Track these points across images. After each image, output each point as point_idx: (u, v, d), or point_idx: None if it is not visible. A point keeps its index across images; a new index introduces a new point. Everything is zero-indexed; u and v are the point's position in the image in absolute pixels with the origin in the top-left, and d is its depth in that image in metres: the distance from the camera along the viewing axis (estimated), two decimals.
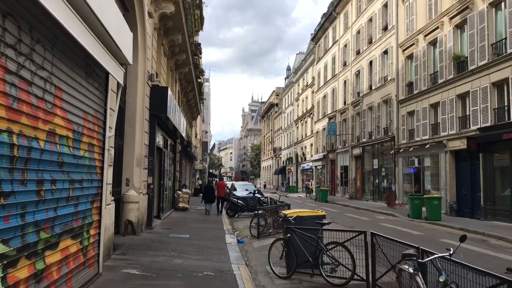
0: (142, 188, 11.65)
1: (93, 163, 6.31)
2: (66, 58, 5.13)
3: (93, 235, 6.39)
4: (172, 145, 19.25)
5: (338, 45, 38.59)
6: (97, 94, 6.48)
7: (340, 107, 37.62)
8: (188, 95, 25.27)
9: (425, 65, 22.73)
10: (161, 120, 13.79)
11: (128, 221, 10.84)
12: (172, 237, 11.29)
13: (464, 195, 19.32)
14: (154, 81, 12.44)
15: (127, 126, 11.25)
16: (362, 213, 21.38)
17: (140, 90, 11.55)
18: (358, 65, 33.26)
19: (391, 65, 27.18)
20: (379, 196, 28.81)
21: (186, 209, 19.65)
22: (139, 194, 11.26)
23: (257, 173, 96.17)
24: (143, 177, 11.83)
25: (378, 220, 17.78)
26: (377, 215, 20.08)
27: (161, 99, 12.50)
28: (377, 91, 29.25)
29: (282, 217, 8.24)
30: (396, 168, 25.93)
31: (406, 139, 24.77)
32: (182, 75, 21.05)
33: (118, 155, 10.69)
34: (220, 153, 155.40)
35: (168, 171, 17.61)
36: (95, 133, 6.41)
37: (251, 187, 25.53)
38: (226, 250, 9.94)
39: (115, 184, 10.43)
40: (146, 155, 12.14)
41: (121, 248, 9.14)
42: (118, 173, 10.71)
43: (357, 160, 33.61)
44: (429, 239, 12.10)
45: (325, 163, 41.88)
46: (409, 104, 24.48)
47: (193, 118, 34.03)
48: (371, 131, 30.14)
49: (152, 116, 12.50)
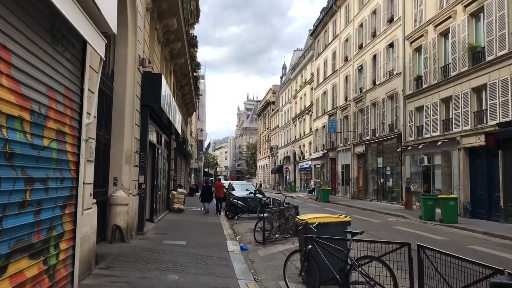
0: (132, 188, 10.22)
1: (63, 156, 4.88)
2: (20, 9, 3.71)
3: (65, 250, 4.97)
4: (166, 141, 17.81)
5: (339, 39, 37.27)
6: (69, 68, 5.05)
7: (341, 103, 36.30)
8: (183, 89, 23.79)
9: (435, 57, 21.43)
10: (154, 112, 12.34)
11: (115, 226, 9.41)
12: (167, 244, 9.86)
13: (479, 195, 18.03)
14: (146, 66, 11.00)
15: (115, 118, 9.81)
16: (370, 214, 20.05)
17: (130, 77, 10.11)
18: (361, 60, 31.94)
19: (397, 58, 25.88)
20: (383, 196, 27.53)
21: (181, 211, 18.22)
22: (129, 195, 9.83)
23: (253, 172, 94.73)
24: (134, 175, 10.40)
25: (390, 223, 16.45)
26: (387, 217, 18.75)
27: (154, 87, 11.06)
28: (382, 86, 27.94)
29: (300, 223, 6.85)
30: (403, 167, 24.63)
31: (414, 136, 23.47)
32: (177, 66, 19.59)
33: (105, 150, 9.27)
34: (215, 152, 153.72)
35: (162, 169, 16.17)
36: (68, 119, 4.99)
37: (251, 187, 24.17)
38: (229, 260, 8.54)
39: (100, 184, 9.00)
40: (137, 151, 10.71)
41: (107, 259, 7.71)
42: (104, 171, 9.28)
43: (360, 159, 32.31)
44: (456, 246, 10.76)
45: (325, 162, 40.57)
46: (417, 99, 23.18)
47: (189, 114, 32.55)
48: (375, 128, 28.83)
49: (144, 107, 11.07)
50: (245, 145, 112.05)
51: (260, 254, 9.92)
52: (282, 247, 10.61)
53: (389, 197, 26.74)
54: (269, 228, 11.40)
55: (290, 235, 11.93)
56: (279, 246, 10.75)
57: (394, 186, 26.21)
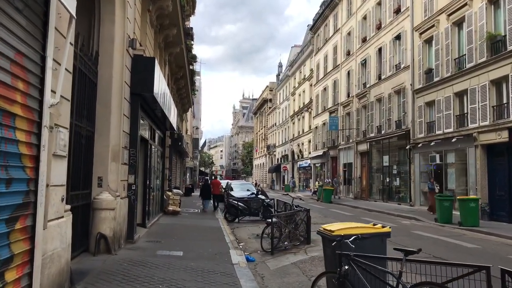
0: (120, 189, 8.76)
1: (13, 147, 3.43)
2: None
3: (14, 281, 3.51)
4: (160, 137, 16.34)
5: (341, 33, 35.90)
6: (23, 25, 3.59)
7: (342, 100, 34.94)
8: (179, 83, 22.28)
9: (448, 48, 20.09)
10: (147, 103, 10.87)
11: (100, 235, 7.94)
12: (160, 255, 8.41)
13: (499, 196, 16.70)
14: (136, 48, 9.53)
15: (100, 107, 8.35)
16: (380, 216, 18.68)
17: (118, 59, 8.64)
18: (364, 54, 30.57)
19: (405, 51, 24.53)
20: (389, 196, 26.19)
21: (177, 213, 16.76)
22: (116, 198, 8.37)
23: (249, 171, 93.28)
24: (122, 175, 8.94)
25: (406, 226, 15.08)
26: (399, 220, 17.39)
27: (146, 73, 9.59)
28: (388, 81, 26.59)
29: (329, 235, 5.42)
30: (412, 165, 23.30)
31: (423, 132, 22.14)
32: (172, 57, 18.10)
33: (87, 145, 7.82)
34: (210, 151, 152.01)
35: (155, 168, 14.70)
36: (19, 94, 3.53)
37: (251, 187, 22.74)
38: (235, 275, 7.12)
39: (82, 185, 7.56)
40: (126, 147, 9.25)
41: (86, 278, 6.26)
42: (86, 170, 7.83)
43: (363, 157, 30.96)
44: (496, 256, 9.40)
45: (325, 161, 39.21)
46: (428, 94, 21.84)
47: (184, 110, 31.03)
48: (380, 125, 27.48)
49: (134, 96, 9.59)
50: (241, 143, 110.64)
51: (270, 267, 8.50)
52: (294, 258, 9.20)
53: (396, 197, 25.41)
54: (277, 235, 9.98)
55: (300, 243, 10.55)
56: (290, 257, 9.33)
57: (402, 186, 24.88)
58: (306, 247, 10.33)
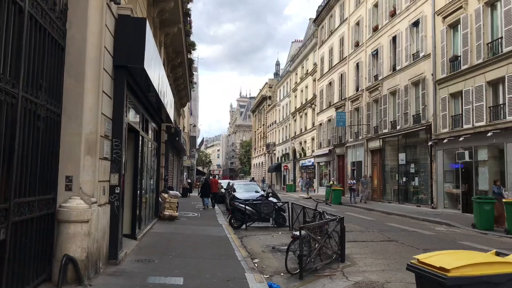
0: (98, 193, 6.44)
1: None
2: None
3: None
4: (155, 130, 14.01)
5: (348, 23, 33.64)
6: None
7: (350, 94, 32.68)
8: (176, 71, 19.92)
9: (479, 32, 17.86)
10: (136, 82, 8.53)
11: (67, 258, 5.62)
12: (153, 285, 6.10)
13: None
14: (120, 4, 7.20)
15: (69, 79, 6.05)
16: (405, 221, 16.42)
17: (94, 17, 6.32)
18: (376, 44, 28.32)
19: (425, 38, 22.31)
20: (406, 198, 23.97)
21: (174, 218, 14.44)
22: (92, 206, 6.05)
23: (247, 170, 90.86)
24: (101, 174, 6.62)
25: (445, 235, 12.80)
26: (429, 225, 15.12)
27: (134, 39, 7.25)
28: (404, 72, 24.35)
29: (442, 279, 3.14)
30: (433, 164, 21.06)
31: (448, 127, 19.91)
32: (168, 38, 15.77)
33: (49, 131, 5.55)
34: (207, 151, 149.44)
35: (149, 166, 12.36)
36: None
37: (256, 187, 20.48)
38: None
39: (40, 188, 5.33)
40: (108, 136, 6.93)
41: None
42: (48, 167, 5.56)
43: (375, 155, 28.73)
44: None
45: (331, 159, 36.95)
46: (453, 84, 19.62)
47: (182, 104, 28.61)
48: (395, 120, 25.24)
49: (120, 70, 7.28)
50: (239, 142, 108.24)
51: None
52: (331, 284, 6.92)
53: (414, 198, 23.19)
54: (306, 251, 7.67)
55: (331, 260, 8.27)
56: (326, 282, 7.04)
57: (421, 186, 22.65)
58: (341, 266, 8.06)
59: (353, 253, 9.23)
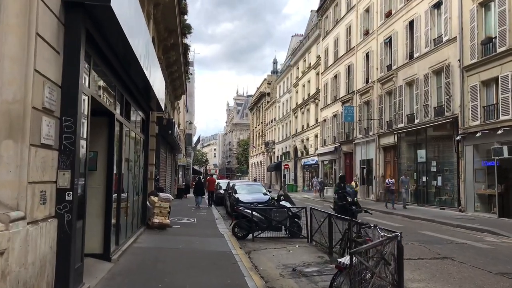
0: (28, 203, 3.89)
1: None
2: None
3: None
4: (142, 119, 11.45)
5: (356, 10, 31.14)
6: None
7: (359, 87, 30.18)
8: (169, 55, 17.31)
9: None
10: (105, 38, 5.95)
11: None
12: None
13: None
14: None
15: None
16: (438, 228, 13.92)
17: None
18: (389, 31, 25.83)
19: (449, 20, 19.85)
20: (426, 200, 21.52)
21: (165, 227, 11.88)
22: (12, 225, 3.49)
23: (244, 170, 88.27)
24: (36, 170, 4.06)
25: (506, 248, 10.31)
26: (469, 233, 12.60)
27: None
28: (423, 59, 21.89)
29: None
30: (461, 161, 18.60)
31: (479, 119, 17.46)
32: (159, 11, 13.19)
33: None
34: (204, 150, 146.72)
35: (132, 162, 9.78)
36: None
37: (261, 189, 17.97)
38: None
39: None
40: (51, 111, 4.37)
41: None
42: None
43: (387, 152, 26.27)
44: None
45: (337, 157, 34.46)
46: (486, 70, 17.18)
47: (176, 97, 25.99)
48: (413, 113, 22.78)
49: (72, 8, 4.72)
50: (236, 141, 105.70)
51: None
52: None
53: (437, 200, 20.72)
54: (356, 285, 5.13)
55: None
56: None
57: (445, 187, 20.18)
58: None
59: (408, 280, 6.73)
